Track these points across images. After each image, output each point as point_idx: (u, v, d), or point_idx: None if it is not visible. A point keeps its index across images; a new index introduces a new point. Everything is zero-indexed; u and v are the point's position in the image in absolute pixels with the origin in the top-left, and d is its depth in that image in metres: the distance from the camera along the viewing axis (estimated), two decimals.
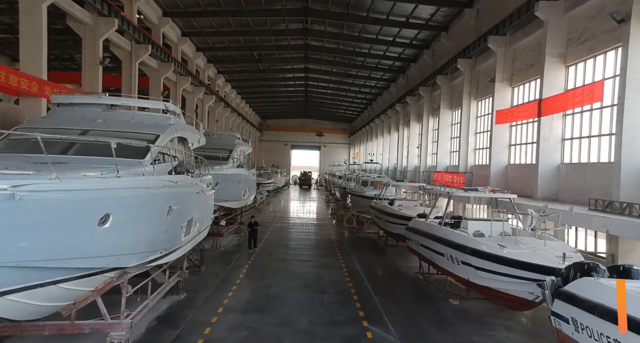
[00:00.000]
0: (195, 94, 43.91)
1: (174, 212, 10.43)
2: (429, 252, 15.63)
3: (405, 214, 20.94)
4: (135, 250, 9.26)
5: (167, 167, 11.15)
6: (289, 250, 23.41)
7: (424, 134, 39.94)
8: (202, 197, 13.82)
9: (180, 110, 13.68)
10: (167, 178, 10.18)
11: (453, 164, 33.55)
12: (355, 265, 20.03)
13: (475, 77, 29.10)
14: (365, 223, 31.46)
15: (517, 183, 22.50)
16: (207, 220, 15.94)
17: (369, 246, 25.90)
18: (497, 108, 23.93)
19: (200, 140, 15.76)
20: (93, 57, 23.51)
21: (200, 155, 21.06)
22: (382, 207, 24.39)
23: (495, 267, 11.58)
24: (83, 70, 23.64)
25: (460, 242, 13.08)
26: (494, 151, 24.24)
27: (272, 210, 44.01)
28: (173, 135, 11.86)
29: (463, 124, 29.48)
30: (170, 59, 34.34)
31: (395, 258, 21.96)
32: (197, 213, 13.44)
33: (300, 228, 32.26)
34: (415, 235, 17.30)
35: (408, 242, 18.65)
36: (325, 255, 22.19)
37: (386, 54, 44.12)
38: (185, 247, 13.01)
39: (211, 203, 16.48)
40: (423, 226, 16.59)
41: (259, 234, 26.65)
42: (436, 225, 15.44)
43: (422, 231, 16.49)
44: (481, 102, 28.75)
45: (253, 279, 17.08)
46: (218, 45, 44.12)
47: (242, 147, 26.19)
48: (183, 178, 11.51)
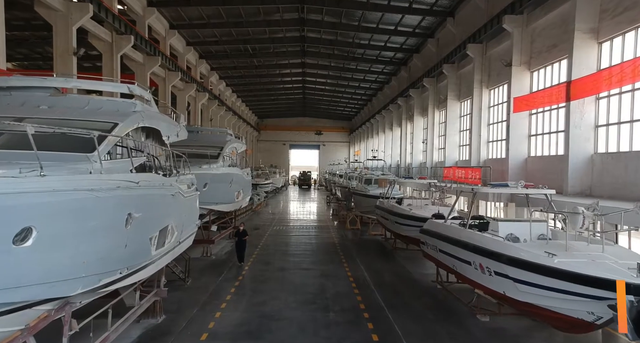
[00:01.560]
0: (187, 91, 41.58)
1: (137, 220, 8.14)
2: (451, 259, 13.32)
3: (417, 215, 18.62)
4: (78, 273, 6.96)
5: (129, 164, 8.84)
6: (288, 257, 21.09)
7: (429, 128, 37.62)
8: (180, 200, 11.52)
9: (151, 95, 11.37)
10: (125, 178, 7.86)
11: (463, 158, 31.24)
12: (362, 274, 17.72)
13: (487, 63, 26.79)
14: (370, 224, 29.14)
15: (539, 177, 20.18)
16: (190, 226, 13.64)
17: (375, 250, 23.59)
18: (514, 95, 21.63)
19: (179, 133, 13.44)
20: (66, 46, 21.19)
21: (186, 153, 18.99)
22: (390, 207, 22.08)
23: (543, 280, 9.25)
24: (55, 61, 21.30)
25: (494, 248, 10.76)
26: (511, 142, 21.93)
27: (270, 212, 41.70)
28: (138, 124, 9.53)
29: (474, 114, 27.16)
30: (157, 52, 32.03)
31: (406, 264, 19.64)
32: (174, 220, 11.14)
33: (301, 231, 29.95)
34: (432, 239, 14.98)
35: (422, 247, 16.34)
36: (328, 262, 19.88)
37: (387, 44, 41.77)
38: (160, 261, 10.70)
39: (195, 206, 14.18)
40: (442, 229, 14.27)
41: (255, 238, 24.40)
42: (459, 228, 13.12)
43: (440, 234, 14.17)
44: (494, 91, 26.43)
45: (246, 294, 14.75)
46: (209, 38, 41.77)
47: (234, 145, 23.89)
48: (150, 177, 9.20)
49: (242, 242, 19.00)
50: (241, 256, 18.90)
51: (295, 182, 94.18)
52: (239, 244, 19.04)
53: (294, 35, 42.15)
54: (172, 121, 12.74)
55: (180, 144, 20.76)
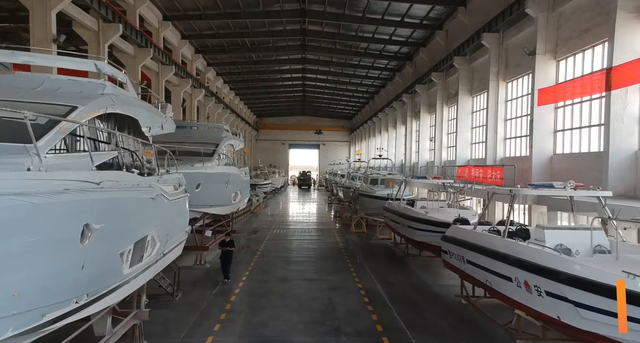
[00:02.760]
0: (182, 86, 39.50)
1: (98, 233, 6.16)
2: (482, 273, 11.34)
3: (436, 219, 16.61)
4: (6, 309, 4.99)
5: (89, 160, 6.82)
6: (289, 265, 19.11)
7: (437, 125, 35.62)
8: (163, 203, 9.52)
9: (126, 76, 9.37)
10: (78, 177, 5.86)
11: (476, 156, 29.28)
12: (374, 285, 15.74)
13: (504, 54, 24.82)
14: (378, 227, 27.19)
15: (568, 176, 18.17)
16: (178, 234, 11.65)
17: (385, 256, 21.63)
18: (538, 86, 19.66)
19: (165, 125, 11.47)
20: (44, 33, 19.18)
21: (177, 150, 17.02)
22: (402, 210, 20.09)
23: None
24: (32, 49, 19.24)
25: (547, 263, 8.78)
26: (535, 139, 19.95)
27: (269, 214, 39.71)
28: (105, 110, 7.53)
29: (490, 109, 25.19)
30: (149, 44, 29.99)
31: (422, 274, 17.67)
32: (155, 229, 9.15)
33: (302, 234, 27.98)
34: (458, 247, 13.00)
35: (444, 256, 14.36)
36: (335, 271, 17.90)
37: (392, 37, 39.78)
38: (137, 280, 8.70)
39: (184, 210, 12.18)
40: (471, 236, 12.29)
41: (254, 243, 22.40)
42: (494, 236, 11.14)
43: (469, 243, 12.19)
44: (512, 83, 24.46)
45: (244, 312, 12.76)
46: (205, 31, 39.72)
47: (231, 141, 21.88)
48: (119, 176, 7.19)
49: (227, 255, 16.30)
50: (226, 271, 16.09)
51: (294, 182, 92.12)
52: (224, 257, 16.29)
53: (295, 27, 40.12)
54: (154, 110, 10.74)
55: (170, 140, 18.86)
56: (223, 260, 16.31)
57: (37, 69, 14.41)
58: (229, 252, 16.39)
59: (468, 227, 13.26)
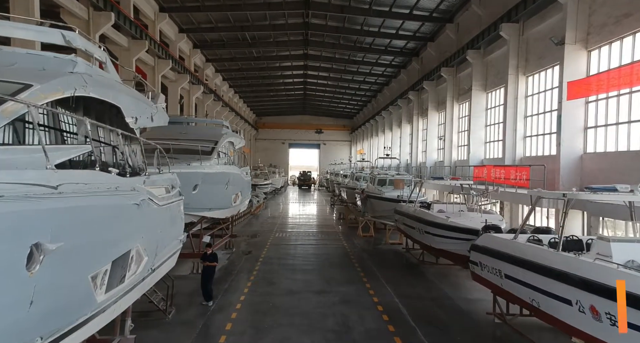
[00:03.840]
0: (179, 82, 37.74)
1: (55, 254, 4.48)
2: (528, 291, 9.64)
3: (461, 225, 14.90)
4: None
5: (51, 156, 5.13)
6: (295, 274, 17.41)
7: (447, 123, 33.92)
8: (152, 210, 7.83)
9: (105, 54, 7.67)
10: (22, 179, 4.16)
11: (491, 156, 27.60)
12: (392, 299, 14.04)
13: (524, 46, 23.14)
14: (387, 231, 25.48)
15: (600, 177, 16.57)
16: (171, 244, 9.97)
17: (399, 264, 19.95)
18: (568, 79, 17.99)
19: (155, 117, 9.75)
20: (26, 18, 17.39)
21: (172, 147, 15.37)
22: (418, 214, 18.39)
23: None
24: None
25: (632, 288, 7.05)
26: (564, 136, 18.28)
27: (270, 216, 38.00)
28: (73, 92, 5.82)
29: (509, 105, 23.50)
30: (144, 36, 28.27)
31: (443, 285, 15.97)
32: (141, 241, 7.48)
33: (307, 238, 26.28)
34: (493, 259, 11.31)
35: (474, 268, 12.67)
36: (346, 281, 16.20)
37: (399, 32, 38.08)
38: (117, 306, 6.99)
39: (178, 216, 10.49)
40: (511, 247, 10.57)
41: (256, 249, 20.67)
42: (545, 250, 9.43)
43: (509, 256, 10.49)
44: (533, 77, 22.79)
45: (247, 333, 11.06)
46: (204, 25, 37.98)
47: (231, 139, 20.18)
48: (88, 177, 5.47)
49: (209, 271, 13.46)
50: (208, 292, 13.23)
51: (294, 182, 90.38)
52: (206, 274, 13.45)
53: (297, 21, 38.41)
54: (142, 98, 9.03)
55: (165, 136, 17.22)
56: (204, 278, 13.46)
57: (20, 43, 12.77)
58: (210, 268, 13.57)
59: (505, 235, 11.55)
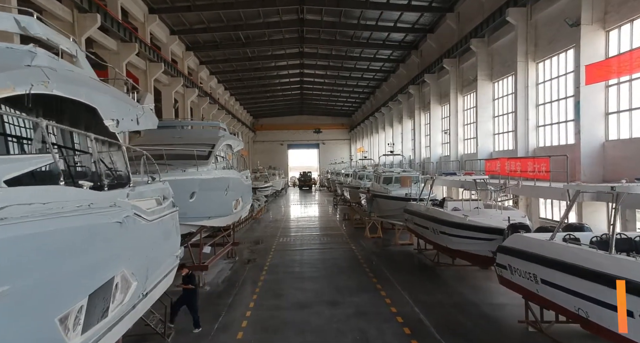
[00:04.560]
0: (173, 86, 36.59)
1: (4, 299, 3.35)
2: (573, 299, 8.48)
3: (483, 224, 13.74)
4: None
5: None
6: (304, 283, 16.25)
7: (452, 116, 32.78)
8: (139, 226, 6.68)
9: (77, 46, 6.53)
10: None
11: (501, 148, 26.45)
12: (411, 309, 12.90)
13: (532, 31, 21.99)
14: (397, 231, 24.33)
15: (625, 166, 15.50)
16: (165, 262, 8.82)
17: (412, 267, 18.81)
18: (585, 62, 16.85)
19: (142, 119, 8.59)
20: None
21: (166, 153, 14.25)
22: (432, 213, 17.23)
23: None
24: None
25: None
26: (583, 123, 17.16)
27: (272, 219, 36.86)
28: (28, 89, 4.68)
29: (519, 94, 22.36)
30: (134, 39, 27.12)
31: (463, 289, 14.83)
32: (127, 264, 6.33)
33: (312, 242, 25.12)
34: (526, 263, 10.16)
35: (502, 272, 11.50)
36: (359, 290, 15.05)
37: (397, 24, 36.92)
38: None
39: (173, 230, 9.34)
40: (550, 249, 9.38)
41: (260, 256, 19.48)
42: (596, 252, 8.24)
43: (548, 259, 9.32)
44: (544, 63, 21.64)
45: None
46: (196, 26, 36.80)
47: (229, 142, 19.04)
48: (46, 194, 4.30)
49: (189, 296, 11.49)
50: (195, 317, 11.44)
51: (295, 183, 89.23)
52: (186, 299, 11.50)
53: (292, 17, 37.28)
54: (123, 97, 7.87)
55: (158, 142, 16.07)
56: (188, 303, 11.48)
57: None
58: (189, 291, 11.53)
59: (539, 235, 10.39)
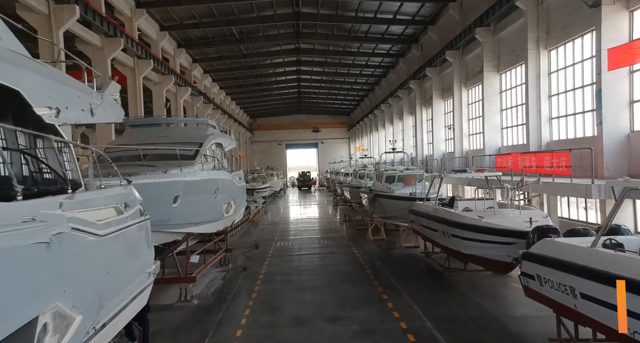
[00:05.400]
0: (164, 84, 35.04)
1: None
2: (632, 322, 6.96)
3: (502, 227, 12.21)
4: None
5: None
6: (303, 294, 14.71)
7: (456, 110, 31.29)
8: (83, 245, 5.13)
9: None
10: None
11: (509, 143, 24.97)
12: (423, 324, 11.38)
13: (544, 15, 20.51)
14: (402, 233, 22.81)
15: None
16: (131, 284, 7.30)
17: (421, 273, 17.30)
18: (607, 45, 15.35)
19: (97, 110, 6.98)
20: None
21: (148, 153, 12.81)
22: (441, 214, 15.69)
23: None
24: None
25: None
26: (606, 114, 15.67)
27: (271, 221, 35.32)
28: None
29: (530, 85, 20.87)
30: (119, 33, 25.59)
31: (480, 298, 13.31)
32: (65, 296, 4.74)
33: (311, 247, 23.59)
34: (560, 274, 8.63)
35: (529, 283, 9.97)
36: (364, 301, 13.52)
37: (397, 16, 35.42)
38: None
39: (142, 242, 7.81)
40: (598, 261, 7.80)
41: (255, 263, 17.92)
42: None
43: (594, 271, 7.76)
44: (557, 51, 20.18)
45: None
46: (187, 21, 35.30)
47: (219, 140, 17.51)
48: None
49: (142, 324, 8.57)
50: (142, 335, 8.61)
51: (293, 183, 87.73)
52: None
53: (286, 11, 35.80)
54: (72, 82, 6.28)
55: (140, 141, 14.66)
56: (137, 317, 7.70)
57: None
58: (143, 322, 8.64)
59: (574, 241, 8.86)
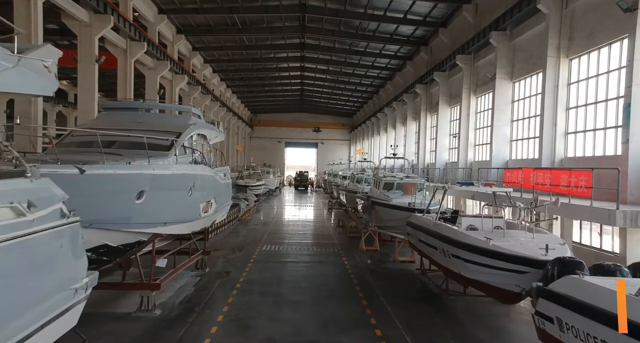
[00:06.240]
0: (159, 70, 33.35)
1: None
2: None
3: (515, 253, 10.51)
4: None
5: None
6: (281, 311, 13.00)
7: (463, 118, 29.64)
8: None
9: None
10: None
11: (519, 157, 23.35)
12: None
13: (567, 21, 18.88)
14: (397, 245, 21.12)
15: None
16: (43, 305, 5.67)
17: (415, 294, 15.62)
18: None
19: (7, 75, 5.39)
20: None
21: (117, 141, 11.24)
22: (443, 231, 14.01)
23: None
24: None
25: None
26: (634, 130, 14.04)
27: (261, 221, 33.62)
28: None
29: (546, 95, 19.24)
30: (109, 10, 23.92)
31: (483, 333, 11.63)
32: None
33: (299, 253, 21.91)
34: (589, 322, 6.99)
35: (546, 326, 8.30)
36: (350, 325, 11.84)
37: (407, 16, 33.78)
38: None
39: (64, 252, 6.18)
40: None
41: (235, 269, 16.22)
42: None
43: None
44: (579, 60, 18.56)
45: None
46: (187, 5, 33.68)
47: (202, 131, 15.87)
48: None
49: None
50: None
51: (290, 182, 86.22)
52: None
53: (292, 1, 34.15)
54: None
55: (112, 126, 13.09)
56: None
57: None
58: None
59: (606, 281, 7.19)
